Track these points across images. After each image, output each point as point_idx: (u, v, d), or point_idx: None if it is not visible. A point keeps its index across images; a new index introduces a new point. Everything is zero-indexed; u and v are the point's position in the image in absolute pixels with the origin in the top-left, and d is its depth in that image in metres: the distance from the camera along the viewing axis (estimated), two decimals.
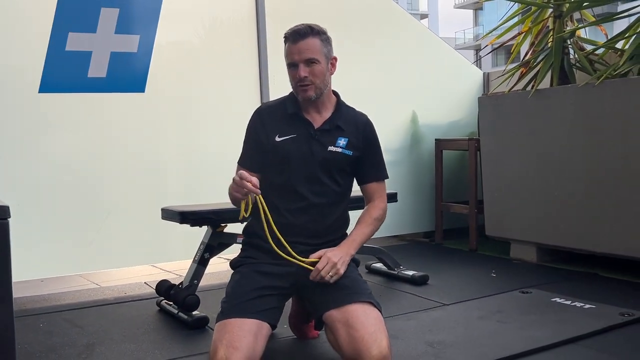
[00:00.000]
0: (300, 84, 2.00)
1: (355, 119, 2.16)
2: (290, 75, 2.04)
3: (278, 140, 2.07)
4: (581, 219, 3.40)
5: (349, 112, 2.16)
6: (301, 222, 2.05)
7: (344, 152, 2.09)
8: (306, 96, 2.02)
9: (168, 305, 2.83)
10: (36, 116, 3.21)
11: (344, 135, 2.10)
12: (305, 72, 1.99)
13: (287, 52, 2.03)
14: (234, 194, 1.91)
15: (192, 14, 3.66)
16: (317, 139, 2.07)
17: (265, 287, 1.96)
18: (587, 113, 3.35)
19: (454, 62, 4.71)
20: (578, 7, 3.69)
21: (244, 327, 1.80)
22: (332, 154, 2.07)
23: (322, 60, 2.02)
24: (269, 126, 2.10)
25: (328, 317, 1.89)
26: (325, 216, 2.09)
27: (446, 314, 2.70)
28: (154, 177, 3.55)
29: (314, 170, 2.06)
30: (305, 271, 1.98)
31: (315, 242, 2.06)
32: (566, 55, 3.66)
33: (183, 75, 3.62)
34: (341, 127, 2.10)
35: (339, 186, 2.12)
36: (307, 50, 1.99)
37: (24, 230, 3.12)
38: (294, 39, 2.00)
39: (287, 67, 2.04)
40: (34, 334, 2.56)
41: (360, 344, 1.76)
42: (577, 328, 2.40)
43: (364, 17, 4.26)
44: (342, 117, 2.12)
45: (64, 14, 3.21)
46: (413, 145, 4.49)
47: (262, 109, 2.17)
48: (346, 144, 2.09)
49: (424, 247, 4.35)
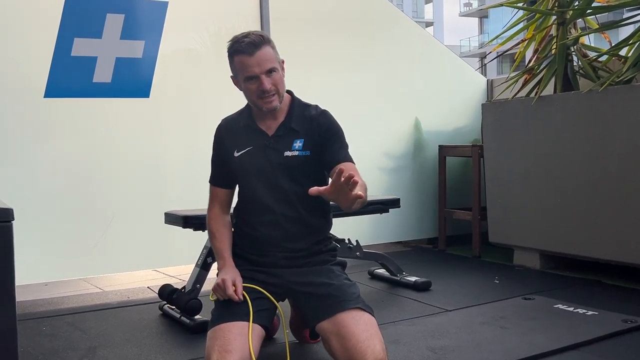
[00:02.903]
0: (264, 96, 1.94)
1: (310, 115, 2.06)
2: (250, 88, 1.95)
3: (236, 155, 2.06)
4: (584, 226, 3.39)
5: (303, 111, 2.07)
6: (275, 233, 2.03)
7: (301, 154, 2.01)
8: (272, 107, 1.97)
9: (170, 310, 2.84)
10: (41, 121, 3.23)
11: (298, 136, 2.03)
12: (269, 83, 1.93)
13: (243, 65, 1.94)
14: (216, 294, 1.94)
15: (197, 21, 3.69)
16: (272, 147, 2.02)
17: (253, 290, 1.96)
18: (590, 120, 3.35)
19: (457, 69, 4.72)
20: (582, 14, 3.70)
21: (234, 330, 1.81)
22: (289, 159, 2.01)
23: (278, 67, 1.97)
24: (228, 142, 2.09)
25: (320, 329, 1.89)
26: (298, 223, 2.03)
27: (448, 320, 2.70)
28: (158, 181, 3.57)
29: (276, 180, 2.01)
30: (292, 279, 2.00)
31: (296, 247, 2.04)
32: (570, 62, 3.67)
33: (187, 81, 3.64)
34: (295, 129, 2.03)
35: (306, 190, 1.99)
36: (266, 61, 1.93)
37: (28, 234, 3.14)
38: (250, 51, 1.91)
39: (244, 81, 1.96)
40: (36, 337, 2.56)
41: (354, 353, 1.75)
42: (580, 334, 2.40)
43: (369, 24, 4.27)
44: (295, 118, 2.04)
45: (69, 20, 3.23)
46: (416, 152, 4.49)
47: (221, 125, 2.15)
48: (302, 145, 2.02)
49: (427, 254, 4.35)
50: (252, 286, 1.96)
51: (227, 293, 1.89)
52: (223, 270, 2.00)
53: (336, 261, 2.13)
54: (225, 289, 1.90)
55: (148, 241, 3.50)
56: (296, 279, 2.01)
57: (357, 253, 3.19)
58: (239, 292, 1.90)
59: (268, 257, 2.04)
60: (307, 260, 2.06)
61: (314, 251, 2.08)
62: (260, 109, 2.00)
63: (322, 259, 2.09)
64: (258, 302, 1.93)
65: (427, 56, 4.56)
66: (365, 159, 4.25)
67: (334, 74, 4.11)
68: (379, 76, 4.31)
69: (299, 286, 2.00)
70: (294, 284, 2.01)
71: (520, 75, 3.91)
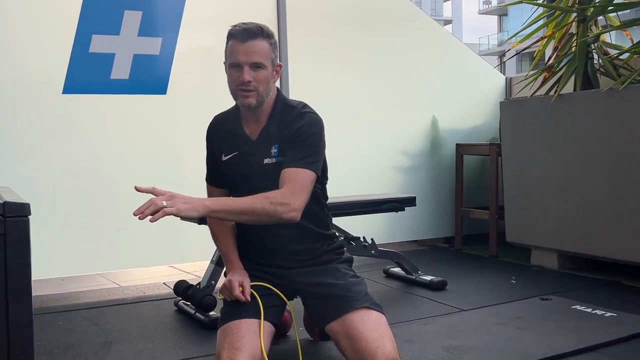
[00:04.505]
0: (242, 87, 1.85)
1: (289, 118, 1.93)
2: (231, 77, 1.88)
3: (224, 159, 2.01)
4: (603, 226, 3.34)
5: (285, 114, 1.95)
6: (272, 238, 1.98)
7: (278, 160, 1.91)
8: (246, 103, 1.88)
9: (185, 306, 2.85)
10: (59, 117, 3.26)
11: (275, 141, 1.92)
12: (250, 76, 1.84)
13: (231, 51, 1.87)
14: (223, 294, 1.94)
15: (214, 18, 3.68)
16: (253, 154, 1.95)
17: (262, 287, 1.95)
18: (611, 118, 3.30)
19: (475, 67, 4.67)
20: (602, 11, 3.64)
21: (243, 328, 1.80)
22: (268, 167, 1.92)
23: (268, 65, 1.87)
24: (216, 143, 2.05)
25: (329, 330, 1.87)
26: (292, 226, 1.88)
27: (464, 320, 2.67)
28: (175, 178, 3.57)
29: (259, 186, 1.86)
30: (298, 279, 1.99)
31: (297, 249, 2.01)
32: (590, 60, 3.61)
33: (204, 78, 3.63)
34: (272, 134, 1.93)
35: None
36: (254, 53, 1.85)
37: (45, 229, 3.17)
38: (242, 37, 1.85)
39: (228, 67, 1.89)
40: (53, 332, 2.59)
41: (364, 354, 1.73)
42: (597, 336, 2.36)
43: (386, 21, 4.25)
44: (275, 122, 1.94)
45: (88, 17, 3.25)
46: (433, 150, 4.46)
47: (211, 125, 2.10)
48: (277, 151, 1.92)
49: (444, 253, 4.32)
50: (261, 283, 1.96)
51: (234, 294, 1.88)
52: (230, 272, 1.99)
53: (342, 259, 2.08)
54: (232, 289, 1.89)
55: (164, 237, 3.50)
56: (302, 279, 1.99)
57: (372, 251, 3.18)
58: (247, 293, 1.89)
59: (272, 260, 2.02)
60: (312, 261, 2.02)
61: (317, 252, 2.04)
62: (237, 102, 1.94)
63: (327, 258, 2.05)
64: (266, 298, 1.92)
65: (444, 53, 4.52)
66: (381, 157, 4.25)
67: (351, 71, 4.09)
68: (396, 73, 4.28)
69: (305, 286, 1.99)
70: (300, 284, 1.99)
71: (539, 73, 3.86)
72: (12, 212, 1.76)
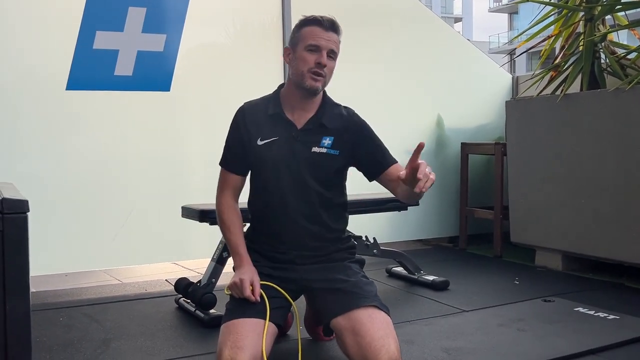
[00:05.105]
0: (316, 69, 1.89)
1: (340, 114, 2.03)
2: (306, 58, 1.90)
3: (260, 144, 1.98)
4: (609, 227, 3.31)
5: (334, 109, 2.03)
6: (293, 230, 1.99)
7: (329, 152, 1.97)
8: (314, 85, 1.91)
9: (186, 303, 2.84)
10: (63, 113, 3.26)
11: (328, 133, 1.98)
12: (326, 61, 1.90)
13: (313, 34, 1.90)
14: (232, 291, 1.93)
15: (218, 16, 3.68)
16: (299, 140, 1.96)
17: (270, 288, 1.94)
18: (616, 119, 3.26)
19: (482, 66, 4.64)
20: (610, 10, 3.60)
21: (247, 327, 1.79)
22: (316, 156, 1.96)
23: (336, 59, 1.95)
24: (251, 128, 2.00)
25: (335, 324, 1.86)
26: (316, 221, 1.99)
27: (465, 321, 2.65)
28: (178, 175, 3.58)
29: (300, 175, 1.95)
30: (309, 276, 1.98)
31: (314, 246, 2.02)
32: (597, 60, 3.58)
33: (208, 76, 3.64)
34: (325, 126, 1.98)
35: (327, 189, 2.01)
36: (334, 43, 1.92)
37: (49, 225, 3.18)
38: (326, 26, 1.92)
39: (304, 49, 1.91)
40: (53, 328, 2.59)
41: (368, 351, 1.72)
42: (599, 339, 2.34)
43: (391, 20, 4.23)
44: (326, 115, 1.99)
45: (92, 13, 3.25)
46: (438, 149, 4.44)
47: (245, 108, 2.05)
48: (332, 143, 1.97)
49: (448, 252, 4.30)
50: (269, 284, 1.95)
51: (245, 294, 1.87)
52: (241, 269, 1.96)
53: (354, 259, 2.10)
54: (242, 289, 1.88)
55: (168, 234, 3.51)
56: (313, 276, 1.99)
57: (374, 250, 3.16)
58: (257, 294, 1.88)
59: (285, 255, 2.02)
60: (324, 257, 2.03)
61: (331, 249, 2.05)
62: (301, 85, 1.93)
63: (340, 256, 2.07)
64: (273, 300, 1.91)
65: (450, 52, 4.49)
66: None
67: (356, 69, 4.06)
68: (401, 72, 4.25)
69: (315, 283, 1.98)
70: (310, 281, 1.99)
71: (545, 72, 3.83)
72: (10, 208, 1.75)
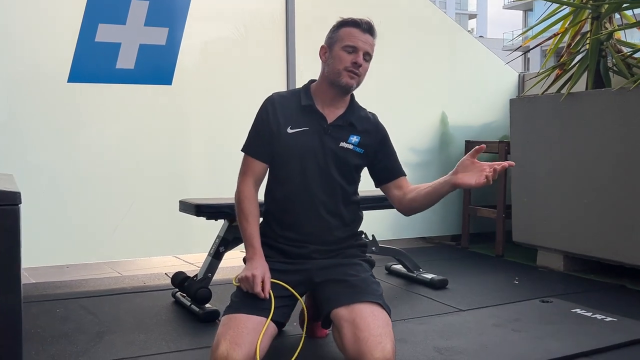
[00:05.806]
0: (352, 68, 1.96)
1: (367, 117, 2.13)
2: (343, 57, 1.97)
3: (290, 132, 2.01)
4: (611, 229, 3.27)
5: (361, 112, 2.13)
6: (313, 221, 2.02)
7: (355, 150, 2.05)
8: (349, 83, 1.98)
9: (182, 297, 2.85)
10: (65, 105, 3.28)
11: (356, 132, 2.06)
12: (362, 62, 1.98)
13: (351, 35, 1.98)
14: (242, 285, 1.92)
15: (221, 10, 3.68)
16: (329, 134, 2.02)
17: (278, 286, 1.93)
18: (621, 118, 3.22)
19: (488, 63, 4.60)
20: (617, 8, 3.55)
21: (248, 325, 1.78)
22: (343, 150, 2.03)
23: (370, 62, 2.03)
24: (281, 116, 2.02)
25: (335, 314, 1.85)
26: (336, 214, 2.04)
27: (460, 320, 2.64)
28: (179, 168, 3.59)
29: (325, 166, 2.01)
30: (320, 269, 1.99)
31: (330, 240, 2.03)
32: (603, 58, 3.53)
33: (210, 70, 3.64)
34: (354, 125, 2.06)
35: (349, 184, 2.08)
36: (370, 45, 2.00)
37: (49, 217, 3.20)
38: (363, 28, 1.98)
39: (341, 49, 1.98)
40: (49, 319, 2.60)
41: (364, 345, 1.71)
42: (594, 341, 2.31)
43: (395, 16, 4.19)
44: (355, 115, 2.08)
45: (94, 6, 3.26)
46: (442, 147, 4.41)
47: (274, 98, 2.08)
48: (358, 141, 2.06)
49: (450, 251, 4.28)
50: (279, 282, 1.94)
51: (255, 290, 1.87)
52: (253, 262, 1.95)
53: (365, 257, 2.13)
54: (253, 285, 1.87)
55: (169, 228, 3.52)
56: (323, 268, 2.00)
57: (372, 248, 3.15)
58: (267, 291, 1.88)
59: (301, 249, 2.02)
60: (337, 252, 2.05)
61: (345, 245, 2.08)
62: (336, 82, 1.99)
63: (352, 252, 2.09)
64: (280, 299, 1.91)
65: (456, 48, 4.46)
66: None
67: None
68: (405, 68, 4.23)
69: (325, 275, 1.98)
70: (319, 273, 1.99)
71: (551, 70, 3.79)
72: (2, 200, 1.75)
